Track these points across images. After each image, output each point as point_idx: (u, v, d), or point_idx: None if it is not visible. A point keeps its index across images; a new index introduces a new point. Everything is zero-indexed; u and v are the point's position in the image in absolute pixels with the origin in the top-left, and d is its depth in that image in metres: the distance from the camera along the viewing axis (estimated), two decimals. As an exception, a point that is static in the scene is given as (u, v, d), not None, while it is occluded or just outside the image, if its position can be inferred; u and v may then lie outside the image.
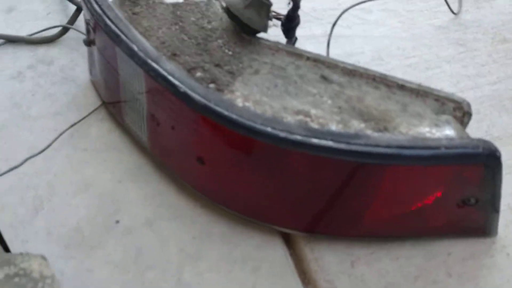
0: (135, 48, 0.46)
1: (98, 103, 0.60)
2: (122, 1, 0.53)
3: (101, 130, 0.57)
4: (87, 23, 0.56)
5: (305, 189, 0.45)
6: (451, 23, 0.68)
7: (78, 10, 0.66)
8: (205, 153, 0.46)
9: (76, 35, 0.66)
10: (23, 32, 0.67)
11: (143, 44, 0.47)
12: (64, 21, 0.69)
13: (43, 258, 0.36)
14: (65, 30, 0.66)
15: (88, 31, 0.56)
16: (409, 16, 0.69)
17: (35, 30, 0.67)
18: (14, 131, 0.57)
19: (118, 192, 0.52)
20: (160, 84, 0.44)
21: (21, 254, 0.37)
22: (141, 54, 0.46)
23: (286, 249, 0.48)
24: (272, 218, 0.48)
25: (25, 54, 0.65)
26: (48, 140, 0.56)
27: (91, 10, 0.51)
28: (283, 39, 0.55)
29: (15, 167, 0.52)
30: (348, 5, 0.66)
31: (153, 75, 0.45)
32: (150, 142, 0.52)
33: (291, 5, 0.55)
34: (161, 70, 0.44)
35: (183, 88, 0.43)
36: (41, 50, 0.65)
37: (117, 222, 0.50)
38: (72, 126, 0.57)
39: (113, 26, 0.48)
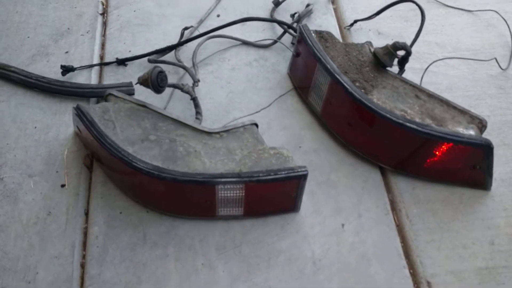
0: (329, 67, 0.98)
1: (291, 87, 1.13)
2: (319, 39, 1.05)
3: (293, 101, 1.10)
4: (297, 43, 1.08)
5: (396, 146, 0.95)
6: (500, 74, 1.13)
7: (284, 33, 1.19)
8: (353, 121, 0.97)
9: (280, 46, 1.19)
10: (250, 39, 1.21)
11: (332, 64, 0.98)
12: (272, 35, 1.22)
13: (288, 149, 0.89)
14: (275, 42, 1.20)
15: (297, 48, 1.09)
16: (475, 66, 1.15)
17: (257, 39, 1.21)
18: (249, 94, 1.11)
19: (301, 133, 1.05)
20: (339, 86, 0.96)
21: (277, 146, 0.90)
22: (331, 70, 0.97)
23: (380, 174, 0.99)
24: (376, 158, 0.99)
25: (252, 52, 1.19)
26: (268, 102, 1.09)
27: (305, 40, 1.03)
28: (394, 69, 1.05)
29: (256, 112, 1.07)
30: (439, 54, 1.14)
31: (336, 81, 0.96)
32: (322, 112, 1.04)
33: (406, 53, 1.04)
34: (340, 79, 0.96)
35: (350, 89, 0.94)
36: (261, 51, 1.19)
37: (300, 147, 1.03)
38: (279, 97, 1.10)
39: (317, 53, 1.00)
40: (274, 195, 0.88)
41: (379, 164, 0.99)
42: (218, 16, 1.26)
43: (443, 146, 0.90)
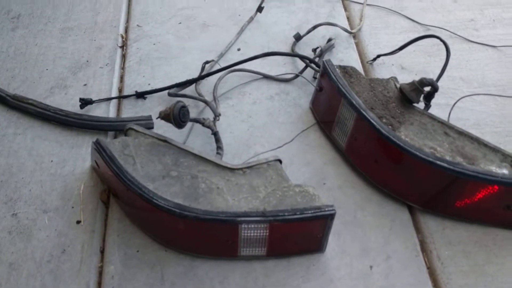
0: (354, 102, 0.95)
1: (314, 121, 1.10)
2: (343, 74, 1.03)
3: (315, 136, 1.08)
4: (320, 77, 1.06)
5: (424, 185, 0.91)
6: (530, 111, 1.11)
7: (306, 67, 1.18)
8: (380, 158, 0.94)
9: (302, 80, 1.17)
10: (271, 73, 1.20)
11: (357, 100, 0.96)
12: (293, 69, 1.21)
13: (314, 187, 0.86)
14: (296, 76, 1.18)
15: (320, 83, 1.06)
16: (502, 102, 1.12)
17: (278, 73, 1.19)
18: (270, 128, 1.09)
19: (324, 169, 1.02)
20: (365, 122, 0.93)
21: (302, 183, 0.86)
22: (357, 105, 0.95)
23: (409, 213, 0.95)
24: (404, 196, 0.95)
25: (273, 86, 1.17)
26: (290, 137, 1.07)
27: (329, 76, 1.01)
28: (419, 105, 1.02)
29: (278, 148, 1.04)
30: (465, 90, 1.12)
31: (362, 117, 0.93)
32: (346, 147, 1.01)
33: (432, 89, 1.01)
34: (367, 115, 0.93)
35: (377, 126, 0.91)
36: (282, 85, 1.18)
37: (324, 184, 0.99)
38: (302, 131, 1.08)
39: (342, 88, 0.98)
40: (299, 235, 0.84)
41: (407, 203, 0.95)
42: (239, 50, 1.25)
43: (475, 186, 0.86)
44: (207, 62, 1.15)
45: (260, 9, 1.33)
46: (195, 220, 0.80)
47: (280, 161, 0.90)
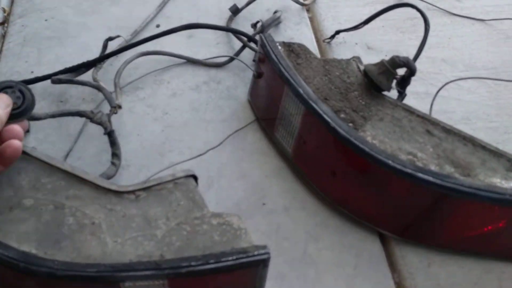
0: (301, 91, 0.68)
1: (253, 118, 0.82)
2: (288, 53, 0.75)
3: (254, 137, 0.80)
4: (258, 61, 0.79)
5: (401, 206, 0.65)
6: (530, 99, 0.86)
7: (243, 47, 0.90)
8: (338, 169, 0.67)
9: (239, 64, 0.90)
10: (199, 56, 0.91)
11: (305, 88, 0.68)
12: (228, 51, 0.93)
13: (239, 216, 0.58)
14: (231, 59, 0.90)
15: (258, 67, 0.79)
16: (496, 88, 0.86)
17: (208, 56, 0.91)
18: (193, 129, 0.81)
19: (265, 183, 0.74)
20: (316, 118, 0.66)
21: (223, 212, 0.59)
22: (305, 96, 0.67)
23: (381, 244, 0.68)
24: (374, 221, 0.68)
25: (201, 73, 0.89)
26: (218, 139, 0.79)
27: (268, 56, 0.74)
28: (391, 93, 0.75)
29: (200, 155, 0.76)
30: (448, 74, 0.86)
31: (312, 112, 0.66)
32: (293, 153, 0.74)
33: (408, 72, 0.75)
34: (318, 109, 0.66)
35: (332, 124, 0.64)
36: (213, 72, 0.89)
37: (264, 204, 0.72)
38: (235, 132, 0.80)
39: (285, 72, 0.70)
40: (218, 290, 0.57)
41: (379, 230, 0.69)
42: (158, 26, 0.96)
43: (473, 207, 0.61)
44: (111, 39, 0.86)
45: (191, -23, 1.04)
46: (49, 277, 0.51)
47: (195, 178, 0.62)
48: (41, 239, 0.54)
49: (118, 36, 0.87)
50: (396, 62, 0.70)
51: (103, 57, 0.82)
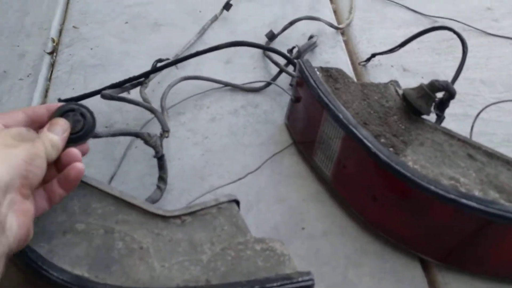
0: (341, 116, 0.69)
1: (290, 141, 0.84)
2: (326, 78, 0.77)
3: (291, 161, 0.81)
4: (296, 85, 0.80)
5: (444, 231, 0.64)
6: None
7: (280, 72, 0.92)
8: (378, 194, 0.67)
9: (275, 88, 0.91)
10: (236, 81, 0.93)
11: (345, 113, 0.69)
12: (265, 76, 0.95)
13: (282, 242, 0.59)
14: (268, 84, 0.92)
15: (296, 91, 0.80)
16: (537, 111, 0.85)
17: (245, 81, 0.93)
18: (232, 153, 0.82)
19: (303, 207, 0.75)
20: (356, 143, 0.66)
21: (266, 238, 0.60)
22: (344, 121, 0.68)
23: (422, 271, 0.67)
24: (416, 246, 0.68)
25: (239, 97, 0.91)
26: (256, 163, 0.80)
27: (307, 81, 0.75)
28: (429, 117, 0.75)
29: (240, 179, 0.77)
30: (487, 96, 0.86)
31: (352, 137, 0.67)
32: (332, 177, 0.74)
33: (447, 95, 0.75)
34: (358, 134, 0.66)
35: (373, 149, 0.65)
36: (250, 96, 0.91)
37: (303, 228, 0.73)
38: (273, 155, 0.81)
39: (324, 97, 0.72)
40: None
41: (420, 256, 0.69)
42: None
43: (519, 233, 0.60)
44: (160, 61, 0.88)
45: (227, 6, 1.07)
46: (101, 301, 0.53)
47: (237, 202, 0.63)
48: (93, 263, 0.56)
49: (167, 59, 0.89)
50: (435, 86, 0.71)
51: (149, 72, 0.83)
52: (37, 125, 0.56)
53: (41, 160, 0.50)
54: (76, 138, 0.57)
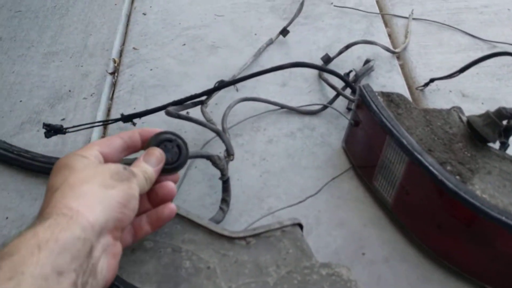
0: (405, 142, 0.68)
1: (348, 165, 0.83)
2: (388, 103, 0.77)
3: (351, 185, 0.81)
4: (356, 109, 0.80)
5: (513, 263, 0.62)
6: None
7: (337, 95, 0.92)
8: (444, 222, 0.66)
9: (332, 112, 0.92)
10: (292, 103, 0.94)
11: (409, 139, 0.69)
12: (321, 98, 0.95)
13: (348, 268, 0.59)
14: (325, 107, 0.92)
15: (356, 115, 0.81)
16: None
17: (301, 103, 0.94)
18: (289, 175, 0.83)
19: (363, 232, 0.74)
20: (421, 170, 0.66)
21: (331, 262, 0.60)
22: (409, 147, 0.68)
23: (489, 303, 0.66)
24: (481, 276, 0.66)
25: (295, 120, 0.92)
26: (314, 186, 0.80)
27: (369, 106, 0.75)
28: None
29: (300, 202, 0.78)
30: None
31: (417, 163, 0.66)
32: (394, 203, 0.74)
33: (508, 121, 0.73)
34: (424, 161, 0.66)
35: (440, 176, 0.64)
36: (306, 119, 0.92)
37: (363, 254, 0.72)
38: (332, 179, 0.81)
39: (387, 123, 0.71)
40: None
41: (484, 286, 0.67)
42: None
43: None
44: (221, 82, 0.90)
45: (284, 32, 1.09)
46: (171, 319, 0.54)
47: (301, 226, 0.64)
48: (161, 281, 0.58)
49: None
50: (503, 113, 0.69)
51: (211, 91, 0.85)
52: (131, 150, 0.56)
53: (135, 201, 0.50)
54: (169, 169, 0.57)
